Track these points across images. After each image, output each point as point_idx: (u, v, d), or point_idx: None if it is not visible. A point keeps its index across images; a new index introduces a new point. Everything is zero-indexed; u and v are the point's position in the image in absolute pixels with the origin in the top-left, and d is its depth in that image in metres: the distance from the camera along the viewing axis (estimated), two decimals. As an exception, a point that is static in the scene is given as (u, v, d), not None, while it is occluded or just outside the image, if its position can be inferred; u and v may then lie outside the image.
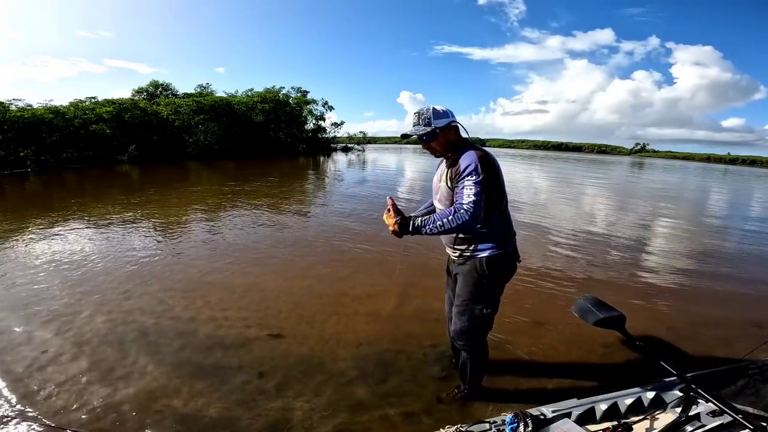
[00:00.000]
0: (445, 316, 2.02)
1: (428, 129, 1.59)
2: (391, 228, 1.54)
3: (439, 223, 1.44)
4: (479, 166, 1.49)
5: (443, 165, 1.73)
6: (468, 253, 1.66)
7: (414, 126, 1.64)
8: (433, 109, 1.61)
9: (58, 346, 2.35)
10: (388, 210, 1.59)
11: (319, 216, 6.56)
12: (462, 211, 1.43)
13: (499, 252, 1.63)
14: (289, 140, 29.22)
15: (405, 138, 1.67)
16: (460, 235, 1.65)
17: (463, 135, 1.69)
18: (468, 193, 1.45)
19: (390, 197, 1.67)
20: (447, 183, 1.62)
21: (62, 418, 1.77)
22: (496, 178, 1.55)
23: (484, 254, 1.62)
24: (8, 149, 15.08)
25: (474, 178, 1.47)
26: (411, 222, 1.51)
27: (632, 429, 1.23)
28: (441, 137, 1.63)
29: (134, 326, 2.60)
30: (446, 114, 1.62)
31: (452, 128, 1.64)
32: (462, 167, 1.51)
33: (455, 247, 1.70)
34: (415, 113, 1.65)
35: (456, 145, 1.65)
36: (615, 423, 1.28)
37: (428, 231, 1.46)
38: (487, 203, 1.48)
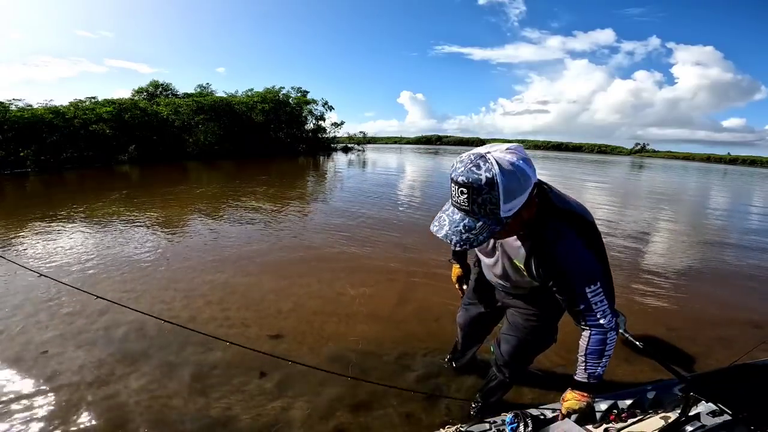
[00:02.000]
0: (460, 327, 1.89)
1: (495, 227, 0.92)
2: (583, 405, 1.23)
3: (602, 363, 1.18)
4: (597, 264, 1.08)
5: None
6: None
7: (457, 208, 0.93)
8: (502, 176, 0.84)
9: (57, 346, 2.35)
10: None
11: (319, 216, 6.56)
12: (609, 335, 1.14)
13: None
14: (289, 140, 29.24)
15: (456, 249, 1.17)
16: (532, 300, 1.42)
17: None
18: (599, 308, 1.10)
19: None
20: (534, 275, 1.16)
21: (61, 418, 1.77)
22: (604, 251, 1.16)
23: None
24: (8, 149, 15.08)
25: (597, 285, 1.07)
26: (587, 387, 1.22)
27: (632, 429, 1.23)
28: (515, 224, 0.98)
29: (133, 326, 2.59)
30: (524, 176, 0.88)
31: (533, 199, 0.96)
32: (570, 270, 1.05)
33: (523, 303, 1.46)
34: (460, 186, 0.88)
35: (533, 221, 1.04)
36: (615, 423, 1.28)
37: (602, 373, 1.20)
38: None
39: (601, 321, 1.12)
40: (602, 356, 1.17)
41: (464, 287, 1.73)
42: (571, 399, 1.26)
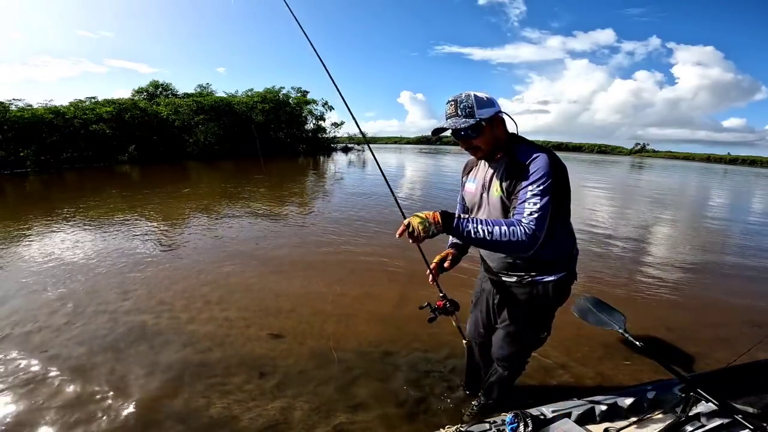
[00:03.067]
0: (469, 337, 1.74)
1: (472, 121, 1.22)
2: (426, 222, 1.11)
3: (490, 229, 1.11)
4: (551, 171, 1.17)
5: (486, 168, 1.38)
6: (529, 278, 1.36)
7: (450, 118, 1.27)
8: (475, 96, 1.24)
9: (57, 346, 2.35)
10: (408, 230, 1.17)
11: (319, 217, 6.56)
12: (520, 229, 1.11)
13: (567, 274, 1.37)
14: (289, 140, 29.21)
15: (437, 134, 1.34)
16: (518, 260, 1.35)
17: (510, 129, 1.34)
18: (531, 208, 1.13)
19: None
20: (503, 193, 1.27)
21: (62, 419, 1.77)
22: (567, 183, 1.25)
23: (552, 278, 1.34)
24: (8, 149, 15.09)
25: (541, 185, 1.15)
26: (448, 221, 1.12)
27: (632, 429, 1.23)
28: (488, 133, 1.27)
29: (134, 326, 2.60)
30: (491, 102, 1.26)
31: (500, 121, 1.29)
32: (530, 171, 1.18)
33: (512, 273, 1.39)
34: (450, 102, 1.27)
35: (503, 143, 1.31)
36: (615, 423, 1.28)
37: (473, 232, 1.11)
38: (556, 216, 1.20)
39: (522, 216, 1.14)
40: (490, 226, 1.11)
41: (434, 265, 1.51)
42: (423, 215, 1.13)
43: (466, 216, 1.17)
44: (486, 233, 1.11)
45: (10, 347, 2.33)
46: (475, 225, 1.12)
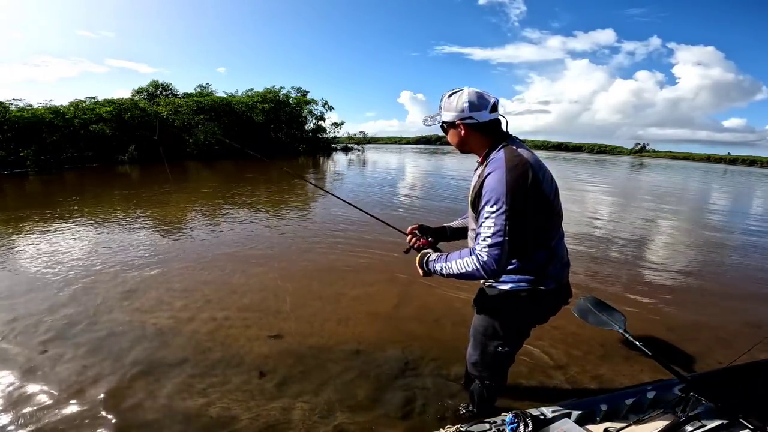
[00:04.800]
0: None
1: (439, 120, 1.30)
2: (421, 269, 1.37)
3: (449, 265, 1.23)
4: (506, 189, 1.08)
5: (478, 169, 1.32)
6: (489, 284, 1.36)
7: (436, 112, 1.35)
8: (448, 98, 1.25)
9: (57, 346, 2.35)
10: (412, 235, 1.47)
11: (318, 217, 6.56)
12: (473, 258, 1.13)
13: (526, 287, 1.25)
14: (289, 140, 29.22)
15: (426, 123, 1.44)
16: None
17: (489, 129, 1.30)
18: (485, 233, 1.10)
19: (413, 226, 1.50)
20: (471, 204, 1.29)
21: (61, 418, 1.77)
22: (535, 198, 1.13)
23: (505, 287, 1.29)
24: (8, 149, 15.08)
25: (495, 208, 1.09)
26: (425, 259, 1.33)
27: (632, 429, 1.23)
28: (451, 134, 1.31)
29: (133, 326, 2.60)
30: (458, 108, 1.23)
31: (464, 127, 1.24)
32: (484, 189, 1.14)
33: None
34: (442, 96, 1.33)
35: (479, 146, 1.28)
36: (615, 423, 1.28)
37: (438, 270, 1.27)
38: (523, 237, 1.13)
39: (476, 244, 1.13)
40: (449, 262, 1.23)
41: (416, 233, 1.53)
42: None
43: (436, 256, 1.32)
44: (447, 269, 1.24)
45: (10, 347, 2.34)
46: (440, 265, 1.27)
